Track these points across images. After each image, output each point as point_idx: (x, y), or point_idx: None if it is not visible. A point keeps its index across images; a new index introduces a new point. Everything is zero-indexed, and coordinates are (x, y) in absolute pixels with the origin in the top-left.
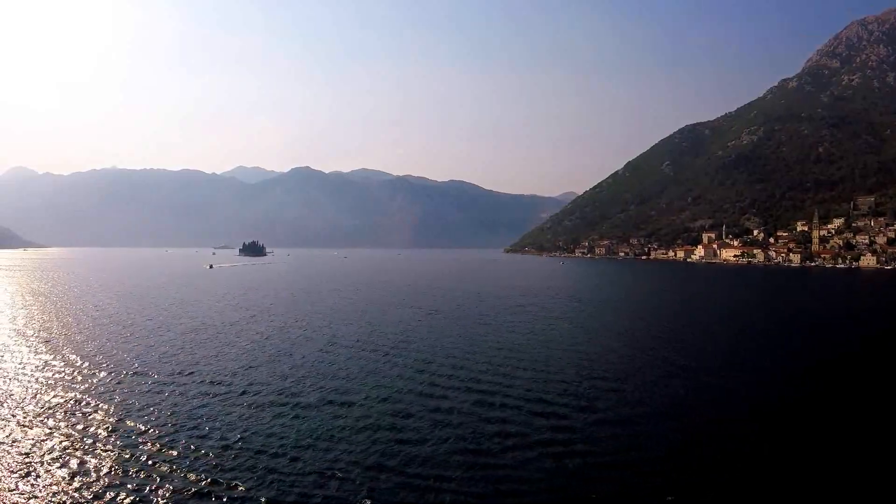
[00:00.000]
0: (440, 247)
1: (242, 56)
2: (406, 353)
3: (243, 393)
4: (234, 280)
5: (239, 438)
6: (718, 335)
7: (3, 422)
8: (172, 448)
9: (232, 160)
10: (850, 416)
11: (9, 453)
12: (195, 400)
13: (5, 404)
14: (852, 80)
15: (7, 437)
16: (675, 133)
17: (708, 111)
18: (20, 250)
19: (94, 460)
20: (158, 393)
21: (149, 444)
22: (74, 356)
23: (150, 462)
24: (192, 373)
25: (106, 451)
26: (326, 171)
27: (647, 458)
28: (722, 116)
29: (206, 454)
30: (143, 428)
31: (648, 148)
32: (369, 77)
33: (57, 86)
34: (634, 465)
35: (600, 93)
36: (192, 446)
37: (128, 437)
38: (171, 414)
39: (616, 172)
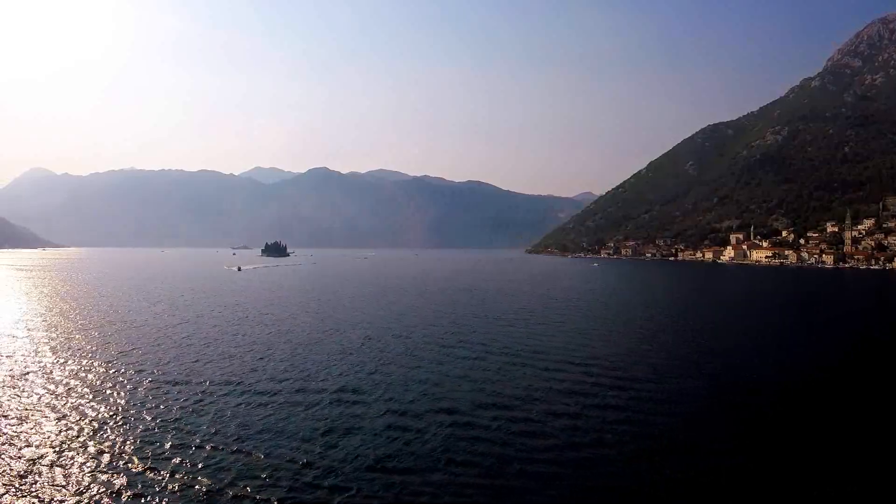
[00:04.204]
0: (457, 247)
1: (258, 56)
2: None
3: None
4: (275, 283)
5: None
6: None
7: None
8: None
9: (249, 161)
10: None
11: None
12: (290, 409)
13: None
14: (875, 79)
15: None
16: (697, 133)
17: (723, 111)
18: (38, 250)
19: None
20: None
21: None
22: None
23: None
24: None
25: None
26: (343, 172)
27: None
28: (744, 116)
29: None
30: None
31: (671, 148)
32: (386, 77)
33: (71, 87)
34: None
35: (617, 93)
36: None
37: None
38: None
39: (638, 172)
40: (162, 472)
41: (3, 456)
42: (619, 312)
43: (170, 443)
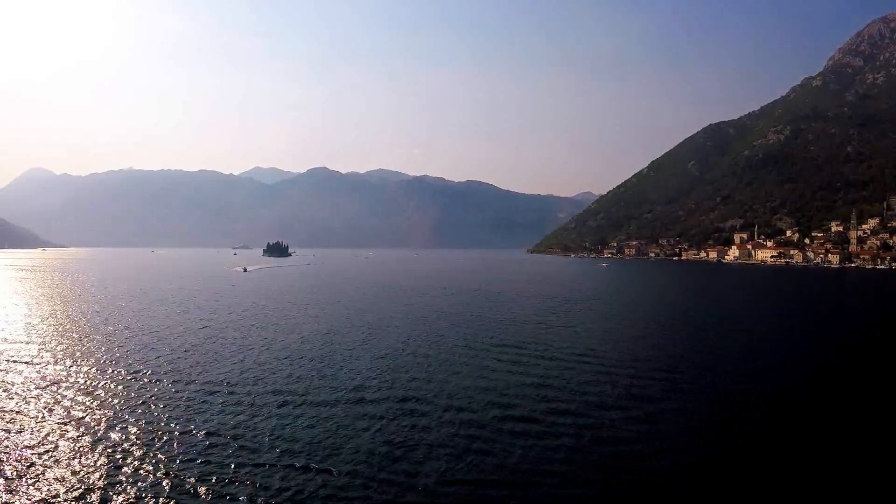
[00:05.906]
0: (457, 247)
1: (258, 57)
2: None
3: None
4: (286, 284)
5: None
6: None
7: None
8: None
9: (249, 161)
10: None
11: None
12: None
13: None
14: (877, 78)
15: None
16: (699, 132)
17: (724, 111)
18: (38, 250)
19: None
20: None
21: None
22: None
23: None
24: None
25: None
26: (343, 172)
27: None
28: (745, 115)
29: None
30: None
31: (672, 147)
32: (386, 77)
33: (72, 87)
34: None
35: (617, 93)
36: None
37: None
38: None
39: (640, 172)
40: (204, 481)
41: (19, 459)
42: (635, 311)
43: (215, 455)
